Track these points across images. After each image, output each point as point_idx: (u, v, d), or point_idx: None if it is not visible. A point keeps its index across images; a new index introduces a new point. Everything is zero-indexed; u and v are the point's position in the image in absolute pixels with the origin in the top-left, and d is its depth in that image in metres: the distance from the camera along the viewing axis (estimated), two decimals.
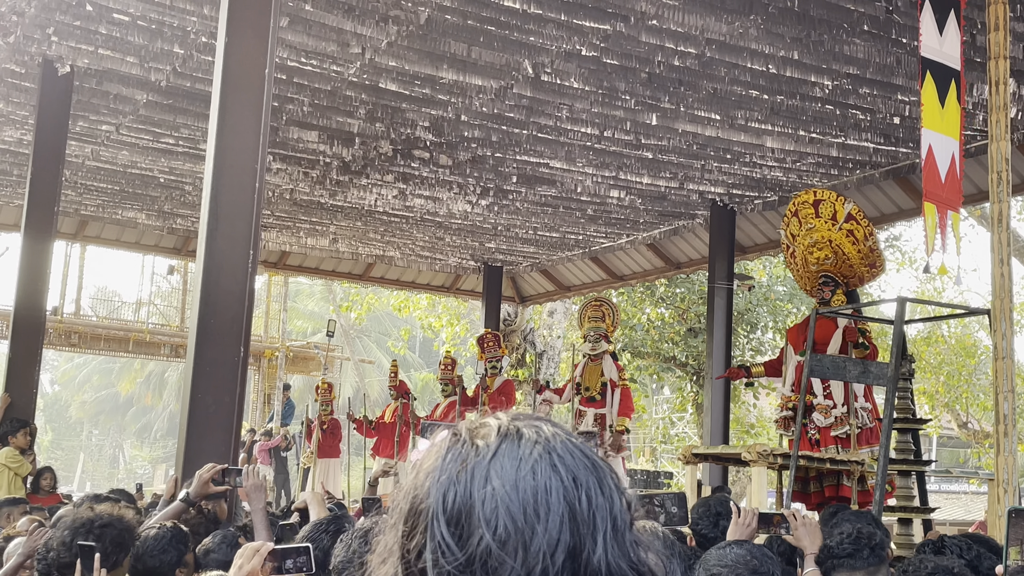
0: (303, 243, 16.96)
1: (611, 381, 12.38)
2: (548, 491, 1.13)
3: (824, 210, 8.73)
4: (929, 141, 5.85)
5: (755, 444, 8.07)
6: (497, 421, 1.21)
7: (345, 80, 9.78)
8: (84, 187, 14.13)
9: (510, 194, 13.37)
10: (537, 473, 1.15)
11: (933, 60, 6.00)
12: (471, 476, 1.15)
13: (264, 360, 23.26)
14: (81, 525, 3.73)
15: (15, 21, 8.95)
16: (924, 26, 6.04)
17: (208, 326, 6.12)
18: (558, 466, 1.16)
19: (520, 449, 1.17)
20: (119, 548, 3.74)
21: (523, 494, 1.13)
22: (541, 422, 1.22)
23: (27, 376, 9.96)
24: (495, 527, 1.11)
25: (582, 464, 1.17)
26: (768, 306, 21.32)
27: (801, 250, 9.02)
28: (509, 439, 1.18)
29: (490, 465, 1.15)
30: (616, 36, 8.64)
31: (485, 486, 1.14)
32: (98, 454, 53.42)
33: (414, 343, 39.83)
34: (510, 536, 1.11)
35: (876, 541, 3.76)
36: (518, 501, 1.12)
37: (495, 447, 1.17)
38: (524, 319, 20.30)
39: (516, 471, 1.15)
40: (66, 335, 21.29)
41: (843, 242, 8.70)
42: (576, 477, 1.16)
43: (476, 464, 1.16)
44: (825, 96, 9.64)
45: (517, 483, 1.13)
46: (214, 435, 6.01)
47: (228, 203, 6.25)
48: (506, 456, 1.16)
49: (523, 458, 1.16)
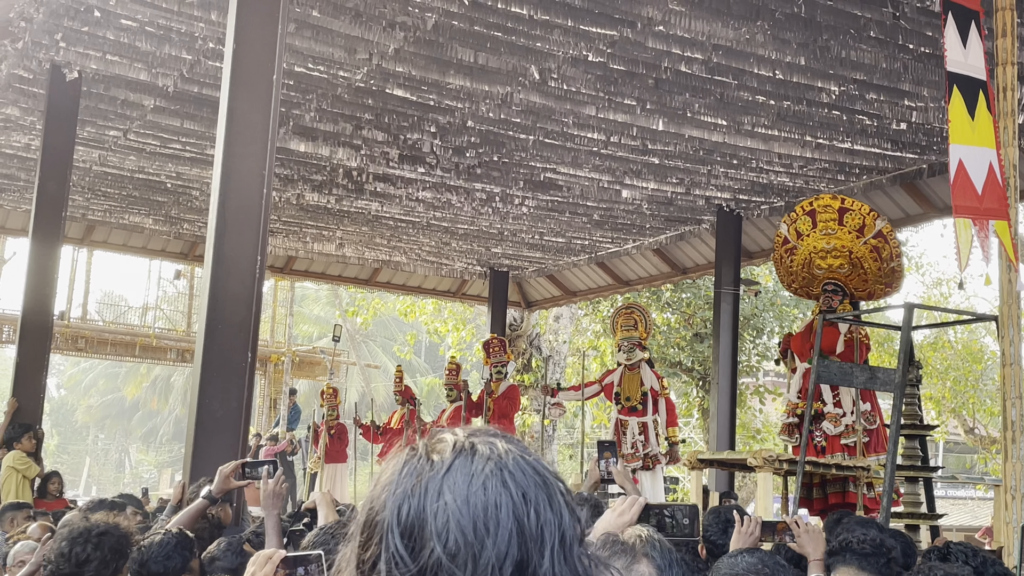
0: (309, 248, 16.99)
1: (652, 390, 12.32)
2: (498, 506, 1.17)
3: (850, 220, 8.69)
4: (959, 156, 5.80)
5: (761, 450, 8.06)
6: (454, 436, 1.25)
7: (352, 86, 9.79)
8: (91, 192, 14.17)
9: (516, 199, 13.37)
10: (488, 489, 1.19)
11: (959, 74, 5.96)
12: (425, 490, 1.19)
13: (270, 365, 23.27)
14: (79, 535, 3.73)
15: (23, 27, 8.98)
16: (948, 41, 6.00)
17: (216, 331, 6.13)
18: (508, 482, 1.20)
19: (473, 465, 1.21)
20: (118, 555, 3.74)
21: (474, 509, 1.17)
22: (497, 438, 1.25)
23: (34, 380, 9.98)
24: (446, 540, 1.15)
25: (532, 480, 1.21)
26: (774, 311, 21.29)
27: (807, 251, 8.99)
28: (463, 455, 1.22)
29: (443, 480, 1.19)
30: (623, 42, 8.65)
31: (438, 500, 1.18)
32: (104, 458, 53.46)
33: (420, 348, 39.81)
34: (460, 549, 1.15)
35: (894, 555, 3.75)
36: (468, 516, 1.16)
37: (449, 462, 1.21)
38: (530, 324, 20.30)
39: (468, 486, 1.18)
40: (73, 340, 21.32)
41: (865, 256, 8.67)
42: (526, 493, 1.20)
43: (430, 478, 1.20)
44: (832, 102, 9.64)
45: (468, 498, 1.18)
46: (221, 439, 6.02)
47: (236, 208, 6.26)
48: (459, 471, 1.20)
49: (475, 474, 1.20)
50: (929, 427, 7.96)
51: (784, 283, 9.58)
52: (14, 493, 9.30)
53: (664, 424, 12.19)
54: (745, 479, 19.55)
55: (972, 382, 23.52)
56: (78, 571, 3.75)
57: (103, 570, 3.65)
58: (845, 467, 8.06)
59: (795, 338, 9.71)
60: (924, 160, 11.10)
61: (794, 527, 3.98)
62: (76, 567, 3.73)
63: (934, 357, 23.21)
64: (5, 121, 11.39)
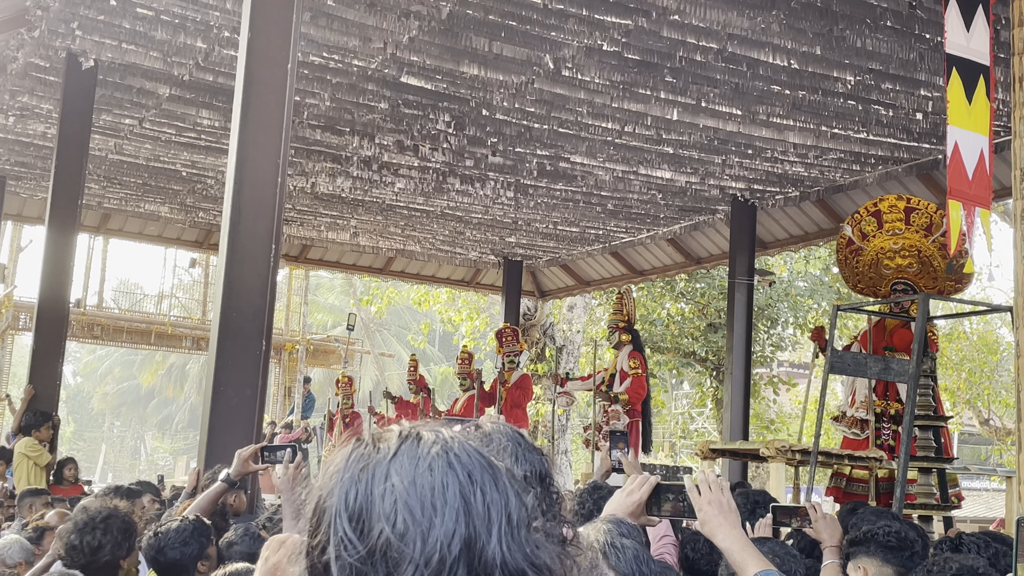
0: (324, 236, 17.03)
1: (621, 371, 12.44)
2: (444, 486, 1.19)
3: (917, 219, 8.66)
4: (955, 138, 5.80)
5: (774, 440, 8.07)
6: (399, 427, 1.27)
7: (366, 75, 9.80)
8: (107, 180, 14.22)
9: (530, 189, 13.37)
10: (434, 470, 1.21)
11: (959, 56, 5.95)
12: (372, 475, 1.21)
13: (285, 353, 23.36)
14: (85, 525, 3.77)
15: (40, 16, 9.01)
16: (949, 23, 5.99)
17: (230, 320, 6.16)
18: (454, 463, 1.22)
19: (419, 449, 1.23)
20: (126, 536, 3.79)
21: (421, 489, 1.19)
22: (442, 427, 1.28)
23: (51, 368, 10.04)
24: (394, 521, 1.17)
25: (478, 463, 1.23)
26: (789, 302, 21.25)
27: (874, 251, 8.94)
28: (409, 441, 1.24)
29: (390, 464, 1.21)
30: (637, 31, 8.63)
31: (385, 482, 1.20)
32: (120, 445, 53.76)
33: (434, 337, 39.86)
34: (408, 528, 1.17)
35: (917, 549, 3.74)
36: (416, 496, 1.18)
37: (395, 447, 1.23)
38: (544, 314, 20.30)
39: (414, 468, 1.20)
40: (89, 327, 21.43)
41: (934, 254, 8.64)
42: (471, 473, 1.22)
43: (377, 463, 1.22)
44: (847, 91, 9.61)
45: (415, 479, 1.20)
46: (236, 427, 6.05)
47: (251, 197, 6.28)
48: (405, 455, 1.22)
49: (421, 456, 1.22)
50: (943, 418, 7.95)
51: (849, 283, 9.50)
52: (26, 480, 9.37)
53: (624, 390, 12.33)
54: (759, 469, 19.54)
55: (987, 373, 23.46)
56: (94, 558, 3.79)
57: (117, 551, 3.69)
58: (858, 458, 8.06)
59: (865, 336, 9.66)
60: (940, 150, 11.04)
61: (812, 512, 3.98)
62: (91, 554, 3.76)
63: (949, 348, 23.14)
64: (22, 109, 11.44)
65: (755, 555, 2.49)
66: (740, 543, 2.53)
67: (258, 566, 2.87)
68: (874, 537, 3.70)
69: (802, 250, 17.86)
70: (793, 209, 13.59)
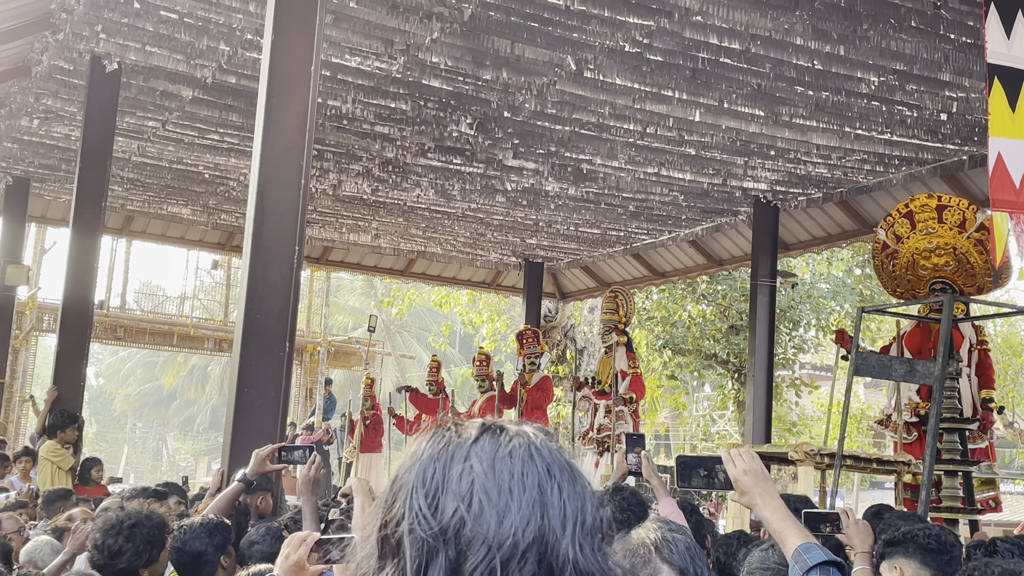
0: (345, 238, 17.06)
1: (621, 372, 12.40)
2: (524, 475, 1.20)
3: (950, 216, 8.58)
4: (998, 149, 5.72)
5: (801, 443, 8.01)
6: (483, 420, 1.29)
7: (389, 77, 9.81)
8: (130, 183, 14.29)
9: (552, 190, 13.36)
10: (515, 458, 1.22)
11: (1001, 65, 5.88)
12: (451, 456, 1.23)
13: (306, 355, 23.40)
14: (111, 527, 3.77)
15: (64, 19, 9.06)
16: (990, 32, 5.92)
17: (254, 321, 6.17)
18: (535, 456, 1.23)
19: (501, 438, 1.24)
20: (151, 545, 3.77)
21: (499, 474, 1.20)
22: (525, 424, 1.29)
23: (75, 369, 10.09)
24: (470, 501, 1.18)
25: (558, 461, 1.24)
26: (811, 303, 21.15)
27: (909, 253, 8.86)
28: (491, 431, 1.26)
29: (471, 448, 1.23)
30: (660, 32, 8.60)
31: (463, 463, 1.21)
32: (142, 446, 54.02)
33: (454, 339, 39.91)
34: (484, 510, 1.18)
35: (955, 554, 3.71)
36: (494, 480, 1.19)
37: (477, 434, 1.25)
38: (565, 315, 20.28)
39: (495, 454, 1.22)
40: (112, 329, 21.54)
41: (970, 251, 8.55)
42: (550, 468, 1.22)
43: (457, 446, 1.24)
44: (871, 92, 9.55)
45: (495, 464, 1.21)
46: (260, 429, 6.05)
47: (274, 199, 6.29)
48: (487, 442, 1.24)
49: (503, 444, 1.23)
50: (969, 420, 7.88)
51: (888, 289, 9.37)
52: (50, 483, 9.41)
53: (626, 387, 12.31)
54: (781, 472, 19.45)
55: (1012, 376, 23.27)
56: (111, 562, 3.79)
57: (136, 560, 3.68)
58: (887, 461, 8.00)
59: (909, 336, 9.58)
60: (965, 151, 10.97)
61: (844, 518, 3.95)
62: (110, 557, 3.77)
63: None
64: (46, 112, 11.51)
65: (796, 526, 2.49)
66: (781, 513, 2.53)
67: (278, 562, 2.88)
68: (914, 539, 3.67)
69: (824, 252, 17.75)
70: (816, 211, 13.53)
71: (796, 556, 2.38)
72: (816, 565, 2.34)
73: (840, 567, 2.34)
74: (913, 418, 9.22)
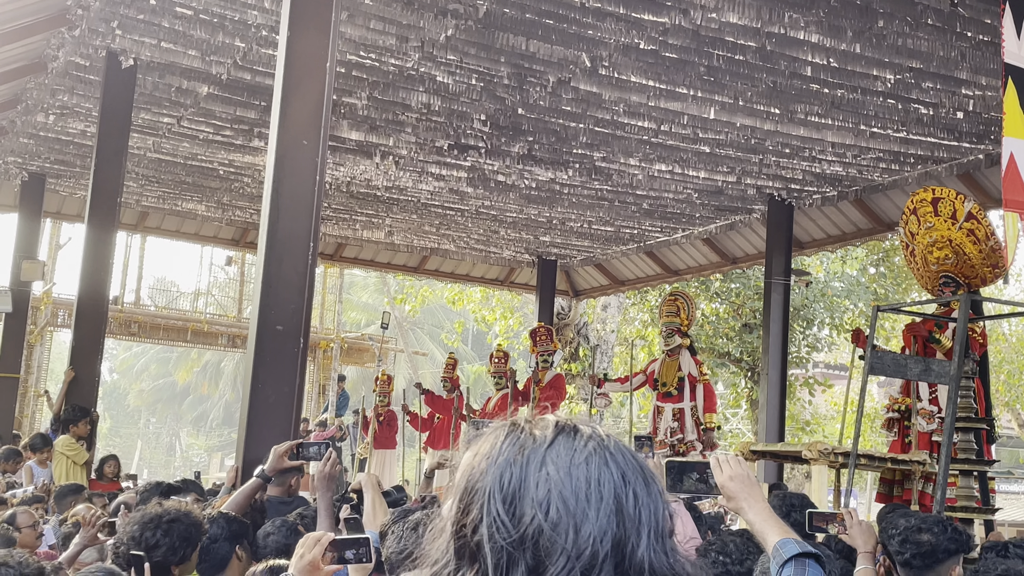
0: (359, 235, 17.08)
1: (689, 376, 12.29)
2: (600, 482, 1.20)
3: (943, 208, 8.52)
4: (1011, 149, 5.69)
5: (816, 442, 7.99)
6: (555, 417, 1.28)
7: (403, 73, 9.82)
8: (145, 179, 14.34)
9: (565, 188, 13.35)
10: (591, 464, 1.21)
11: (1016, 66, 5.85)
12: (527, 460, 1.21)
13: (319, 351, 23.43)
14: (150, 520, 3.78)
15: (80, 15, 9.09)
16: (1006, 31, 5.89)
17: (269, 318, 6.18)
18: (610, 461, 1.22)
19: (576, 441, 1.23)
20: (186, 543, 3.79)
21: (576, 481, 1.19)
22: (596, 424, 1.28)
23: (90, 364, 10.13)
24: (547, 509, 1.18)
25: (631, 465, 1.24)
26: (825, 302, 21.09)
27: (921, 249, 8.82)
28: (565, 432, 1.25)
29: (546, 452, 1.22)
30: (675, 29, 8.58)
31: (540, 470, 1.20)
32: (155, 442, 54.19)
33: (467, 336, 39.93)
34: (562, 519, 1.17)
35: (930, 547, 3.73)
36: (571, 487, 1.19)
37: (552, 437, 1.24)
38: (578, 313, 20.27)
39: (571, 460, 1.21)
40: (126, 324, 21.61)
41: (964, 242, 8.48)
42: (625, 474, 1.22)
43: (533, 450, 1.22)
44: (887, 90, 9.51)
45: (571, 470, 1.20)
46: (274, 425, 6.07)
47: (289, 196, 6.30)
48: (562, 446, 1.22)
49: (578, 449, 1.22)
50: (984, 419, 7.84)
51: (922, 285, 9.27)
52: (65, 478, 9.45)
53: (702, 410, 12.12)
54: (793, 470, 19.41)
55: None
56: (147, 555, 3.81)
57: (171, 556, 3.70)
58: (901, 461, 7.97)
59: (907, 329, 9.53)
60: (981, 150, 10.92)
61: (847, 518, 3.96)
62: (146, 551, 3.78)
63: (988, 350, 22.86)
64: (62, 108, 11.55)
65: (778, 524, 2.51)
66: (764, 515, 2.55)
67: (293, 561, 2.89)
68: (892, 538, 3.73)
69: (839, 250, 17.71)
70: (831, 209, 13.49)
71: (774, 551, 2.41)
72: (791, 557, 2.35)
73: (818, 559, 2.35)
74: (892, 414, 9.18)
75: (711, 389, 12.50)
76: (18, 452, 10.51)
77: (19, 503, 6.84)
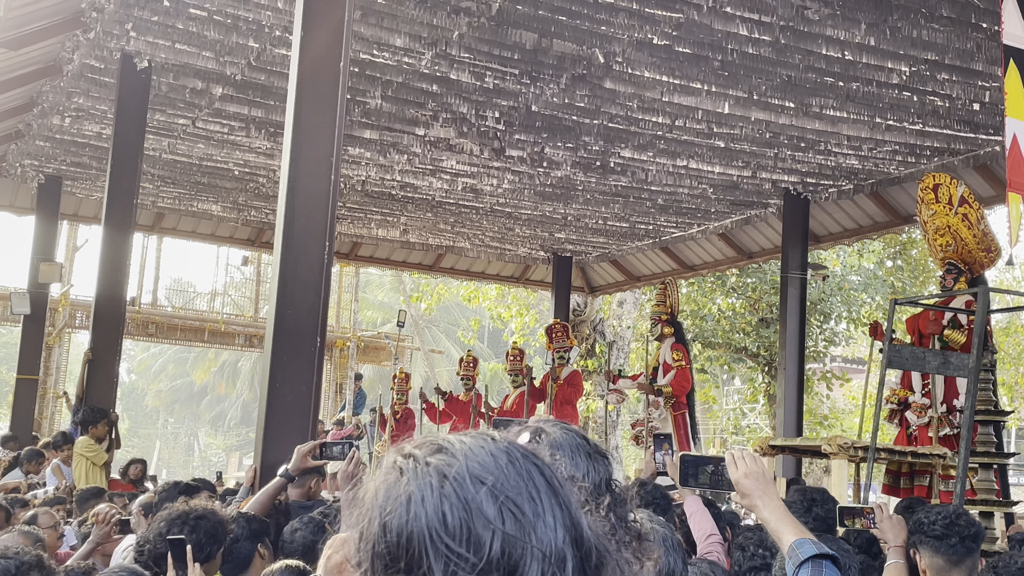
0: (374, 234, 17.10)
1: (664, 364, 12.38)
2: (530, 476, 1.13)
3: (942, 194, 8.47)
4: (1013, 130, 5.68)
5: (835, 436, 7.95)
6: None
7: (417, 72, 9.82)
8: (161, 180, 14.39)
9: (580, 184, 13.33)
10: (515, 462, 1.14)
11: (1017, 47, 5.84)
12: (459, 483, 1.10)
13: (336, 350, 23.48)
14: (177, 517, 3.80)
15: (95, 17, 9.12)
16: (1006, 13, 5.88)
17: (286, 316, 6.19)
18: (515, 456, 1.15)
19: (482, 443, 1.15)
20: (212, 540, 3.80)
21: (514, 481, 1.12)
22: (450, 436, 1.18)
23: (108, 365, 10.18)
24: (504, 521, 1.09)
25: (520, 450, 1.17)
26: (842, 296, 21.02)
27: (930, 237, 8.80)
28: (458, 442, 1.15)
29: (468, 466, 1.12)
30: (688, 24, 8.56)
31: (478, 486, 1.10)
32: (174, 442, 54.39)
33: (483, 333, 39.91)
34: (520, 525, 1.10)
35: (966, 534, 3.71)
36: (513, 491, 1.11)
37: (459, 448, 1.14)
38: (594, 309, 20.25)
39: (495, 462, 1.13)
40: (143, 325, 21.68)
41: (959, 227, 8.43)
42: (534, 462, 1.16)
43: (457, 469, 1.11)
44: (902, 83, 9.47)
45: (504, 472, 1.12)
46: (292, 424, 6.08)
47: (305, 196, 6.31)
48: (475, 453, 1.14)
49: (491, 451, 1.14)
50: (1004, 412, 7.80)
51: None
52: (84, 479, 9.49)
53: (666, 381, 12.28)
54: (812, 465, 19.36)
55: None
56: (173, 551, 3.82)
57: (197, 553, 3.71)
58: (922, 455, 7.93)
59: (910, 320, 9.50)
60: (997, 141, 10.85)
61: (878, 512, 3.94)
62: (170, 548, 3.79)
63: (1007, 342, 22.77)
64: (77, 110, 11.60)
65: (793, 524, 2.50)
66: (779, 513, 2.54)
67: (320, 563, 2.89)
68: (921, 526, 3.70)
69: (855, 244, 17.65)
70: (847, 202, 13.43)
71: (790, 552, 2.40)
72: (808, 559, 2.34)
73: (835, 560, 2.34)
74: (890, 405, 9.15)
75: (684, 374, 12.49)
76: (40, 453, 10.56)
77: (41, 504, 6.88)
